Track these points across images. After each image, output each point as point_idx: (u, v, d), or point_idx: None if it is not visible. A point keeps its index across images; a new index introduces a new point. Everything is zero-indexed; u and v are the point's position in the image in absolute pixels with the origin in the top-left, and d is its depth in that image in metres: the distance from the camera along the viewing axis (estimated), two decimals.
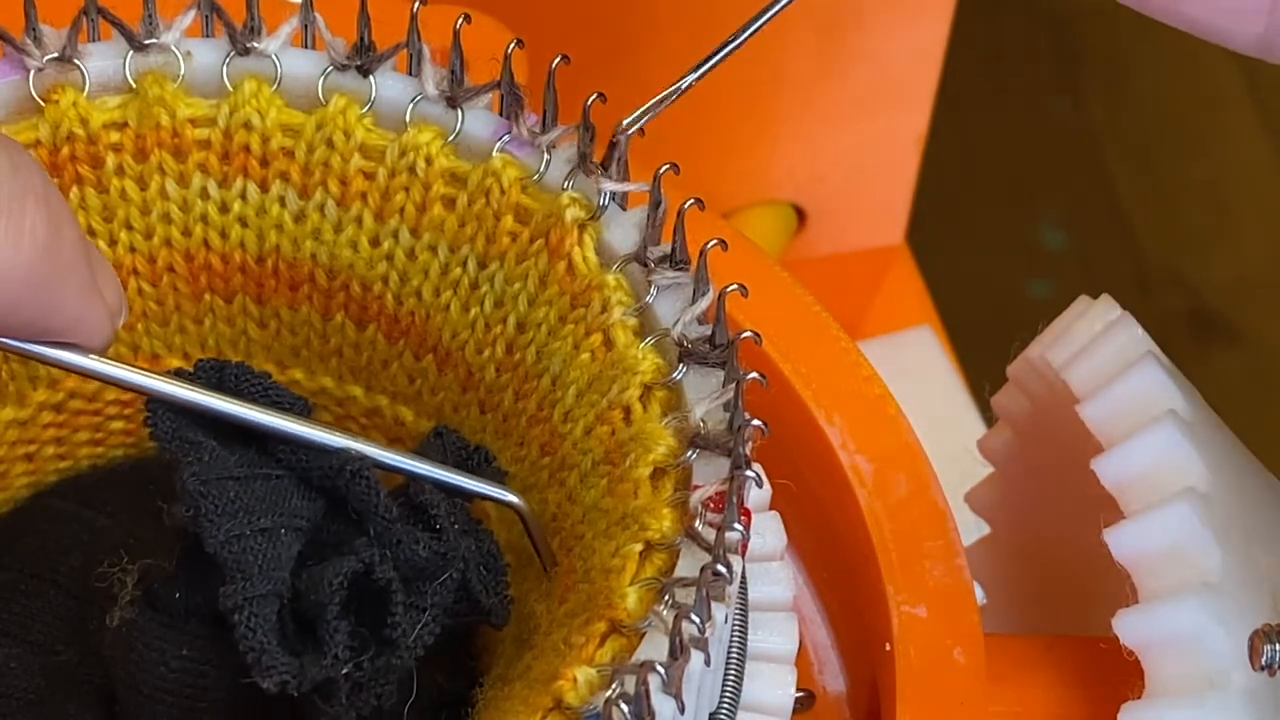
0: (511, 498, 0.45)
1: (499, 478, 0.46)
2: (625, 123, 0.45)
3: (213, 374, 0.44)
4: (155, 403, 0.43)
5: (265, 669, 0.40)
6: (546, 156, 0.46)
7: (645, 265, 0.45)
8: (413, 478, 0.44)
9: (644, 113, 0.46)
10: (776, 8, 0.46)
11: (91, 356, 0.42)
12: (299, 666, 0.41)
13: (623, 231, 0.45)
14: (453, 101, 0.47)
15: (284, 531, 0.42)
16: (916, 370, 1.00)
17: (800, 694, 0.48)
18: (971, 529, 0.59)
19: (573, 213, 0.45)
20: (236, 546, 0.41)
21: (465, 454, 0.46)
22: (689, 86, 0.46)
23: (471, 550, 0.43)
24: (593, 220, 0.45)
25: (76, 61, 0.46)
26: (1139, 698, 0.46)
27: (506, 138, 0.46)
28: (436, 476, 0.44)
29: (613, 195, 0.45)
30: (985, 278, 1.27)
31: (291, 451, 0.43)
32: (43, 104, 0.46)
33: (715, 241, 0.44)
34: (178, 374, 0.44)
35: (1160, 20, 0.42)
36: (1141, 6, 0.42)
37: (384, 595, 0.42)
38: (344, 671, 0.41)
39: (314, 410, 0.46)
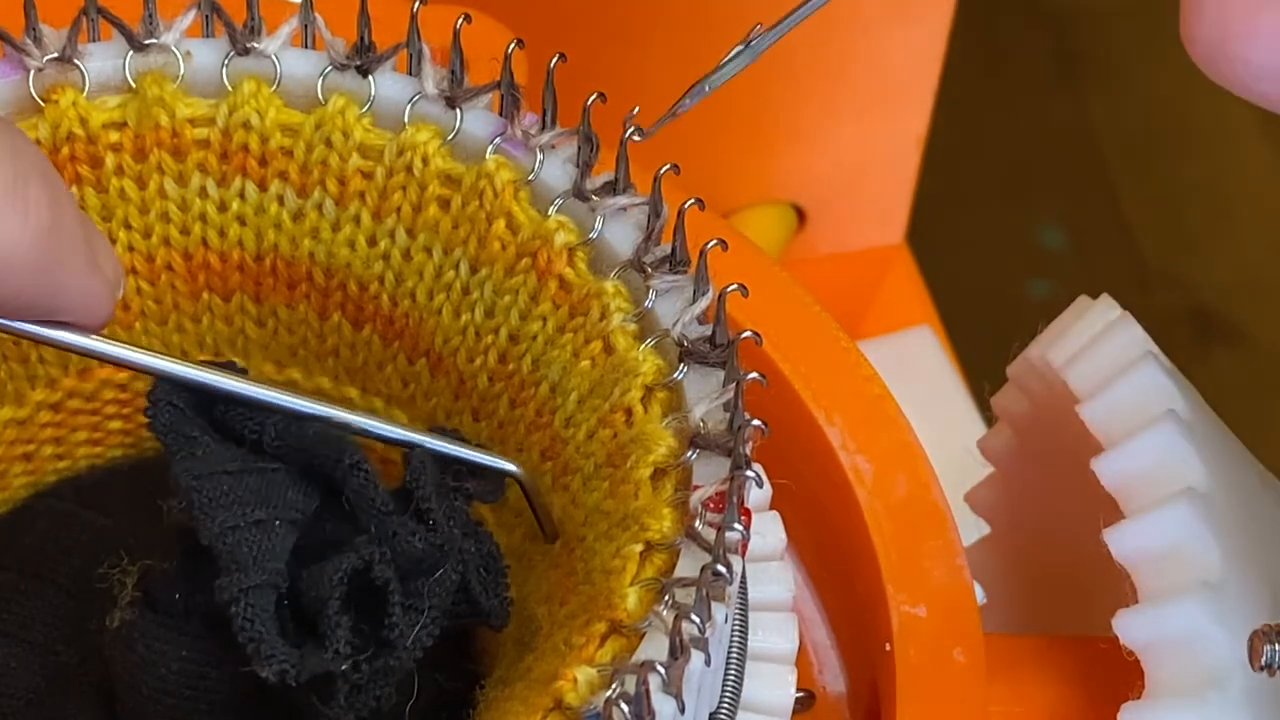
0: (509, 466, 0.45)
1: (499, 479, 0.46)
2: (650, 129, 0.46)
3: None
4: (156, 395, 0.43)
5: (264, 658, 0.40)
6: (540, 158, 0.46)
7: (643, 272, 0.45)
8: (410, 447, 0.44)
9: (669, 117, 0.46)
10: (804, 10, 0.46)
11: (90, 336, 0.42)
12: (299, 656, 0.41)
13: (623, 231, 0.45)
14: (452, 102, 0.47)
15: (278, 523, 0.42)
16: (916, 370, 1.00)
17: (800, 694, 0.48)
18: (971, 529, 0.59)
19: (562, 237, 0.45)
20: (231, 538, 0.41)
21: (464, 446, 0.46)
22: (711, 91, 0.47)
23: (471, 551, 0.43)
24: (583, 245, 0.45)
25: (76, 61, 0.46)
26: (1139, 698, 0.46)
27: (500, 139, 0.46)
28: (434, 446, 0.44)
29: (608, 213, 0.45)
30: (985, 278, 1.27)
31: (288, 443, 0.43)
32: (42, 104, 0.46)
33: (715, 241, 0.44)
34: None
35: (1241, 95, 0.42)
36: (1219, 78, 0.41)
37: (382, 595, 0.42)
38: (343, 669, 0.41)
39: None
